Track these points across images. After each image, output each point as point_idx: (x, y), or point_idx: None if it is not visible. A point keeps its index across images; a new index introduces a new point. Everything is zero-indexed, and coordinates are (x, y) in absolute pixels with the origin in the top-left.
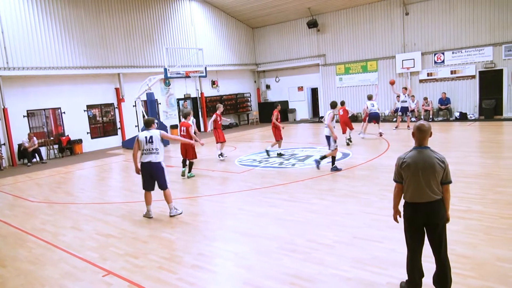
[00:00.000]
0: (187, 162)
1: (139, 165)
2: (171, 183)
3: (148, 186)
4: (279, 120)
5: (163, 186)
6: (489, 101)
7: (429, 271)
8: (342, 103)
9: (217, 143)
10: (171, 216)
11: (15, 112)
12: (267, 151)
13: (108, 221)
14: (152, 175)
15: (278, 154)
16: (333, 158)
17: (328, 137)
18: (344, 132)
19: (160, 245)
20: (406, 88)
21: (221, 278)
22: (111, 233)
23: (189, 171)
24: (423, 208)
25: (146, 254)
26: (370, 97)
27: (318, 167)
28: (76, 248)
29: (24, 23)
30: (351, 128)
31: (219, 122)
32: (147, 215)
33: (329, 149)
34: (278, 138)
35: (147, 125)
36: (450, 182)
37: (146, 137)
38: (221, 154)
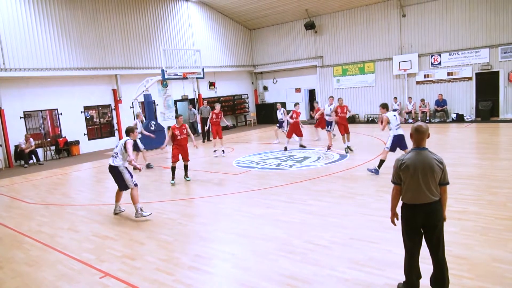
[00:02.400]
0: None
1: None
2: (171, 184)
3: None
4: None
5: (121, 188)
6: (485, 103)
7: (426, 272)
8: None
9: (214, 138)
10: (136, 217)
11: (12, 113)
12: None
13: (105, 223)
14: (113, 177)
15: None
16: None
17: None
18: (343, 133)
19: (157, 247)
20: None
21: (218, 280)
22: (108, 235)
23: (187, 175)
24: (422, 209)
25: (143, 255)
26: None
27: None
28: (73, 249)
29: (21, 24)
30: (348, 132)
31: (215, 120)
32: (114, 211)
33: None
34: (300, 134)
35: (127, 133)
36: (448, 183)
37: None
38: (222, 151)
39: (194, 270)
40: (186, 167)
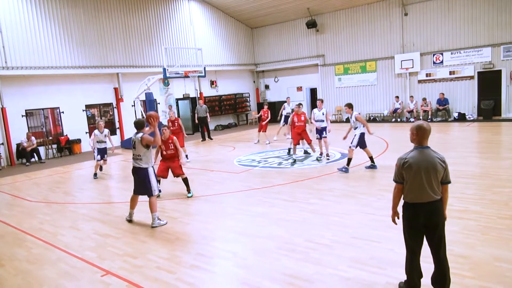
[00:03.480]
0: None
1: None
2: (173, 183)
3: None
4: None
5: (141, 192)
6: (487, 102)
7: (428, 271)
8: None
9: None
10: (153, 226)
11: (14, 111)
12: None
13: (107, 221)
14: (138, 180)
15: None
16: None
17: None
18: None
19: (159, 245)
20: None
21: (220, 278)
22: (109, 233)
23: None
24: (424, 208)
25: (145, 254)
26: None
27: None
28: (75, 248)
29: (22, 22)
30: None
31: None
32: (128, 218)
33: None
34: (308, 140)
35: (137, 127)
36: (449, 182)
37: (131, 141)
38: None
39: (195, 268)
40: (184, 181)
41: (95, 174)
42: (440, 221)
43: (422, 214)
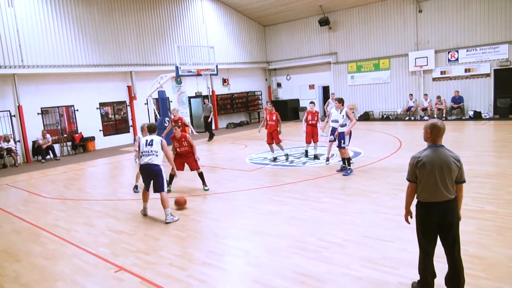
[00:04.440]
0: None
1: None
2: (186, 181)
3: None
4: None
5: (155, 189)
6: (504, 100)
7: (441, 271)
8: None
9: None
10: (167, 222)
11: (30, 109)
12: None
13: (120, 218)
14: (150, 176)
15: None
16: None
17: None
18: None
19: (171, 242)
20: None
21: (231, 276)
22: (123, 230)
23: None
24: (438, 207)
25: (157, 250)
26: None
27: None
28: (89, 244)
29: (38, 22)
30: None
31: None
32: (143, 212)
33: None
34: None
35: (152, 130)
36: (464, 181)
37: (146, 140)
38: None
39: (207, 266)
40: (200, 175)
41: (136, 187)
42: (455, 221)
43: (435, 213)
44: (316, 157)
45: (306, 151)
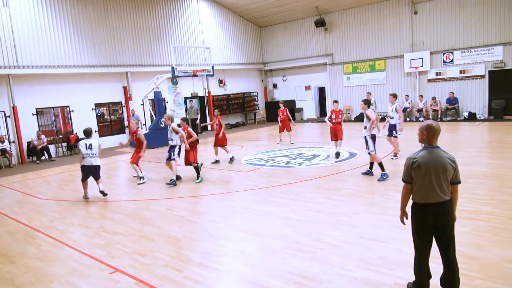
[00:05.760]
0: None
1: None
2: (181, 181)
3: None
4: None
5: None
6: (498, 101)
7: (436, 272)
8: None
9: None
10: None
11: (25, 110)
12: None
13: (115, 219)
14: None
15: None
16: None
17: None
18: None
19: (167, 243)
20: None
21: (227, 277)
22: (118, 231)
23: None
24: (433, 208)
25: (153, 252)
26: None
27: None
28: (84, 245)
29: (33, 22)
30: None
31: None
32: (85, 196)
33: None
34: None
35: (88, 134)
36: (459, 182)
37: (86, 144)
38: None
39: (203, 267)
40: (195, 169)
41: (179, 177)
42: (450, 222)
43: (431, 214)
44: (338, 154)
45: (337, 153)
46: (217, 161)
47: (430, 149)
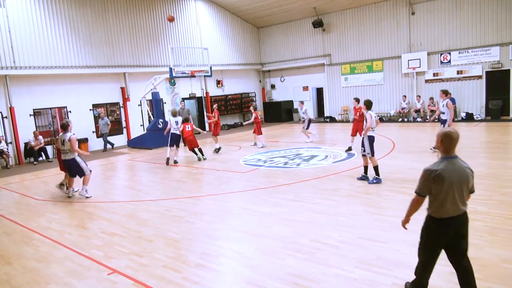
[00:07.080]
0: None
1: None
2: (179, 182)
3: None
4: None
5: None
6: (495, 102)
7: (437, 272)
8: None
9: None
10: (74, 192)
11: (22, 111)
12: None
13: (113, 220)
14: (70, 169)
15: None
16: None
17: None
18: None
19: (165, 244)
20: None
21: (225, 278)
22: (116, 232)
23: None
24: (454, 222)
25: (151, 253)
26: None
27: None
28: (82, 246)
29: (31, 22)
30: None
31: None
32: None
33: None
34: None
35: (64, 128)
36: (473, 192)
37: (61, 140)
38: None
39: (201, 267)
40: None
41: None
42: (467, 231)
43: (452, 228)
44: (349, 148)
45: (350, 147)
46: (219, 149)
47: (450, 159)
